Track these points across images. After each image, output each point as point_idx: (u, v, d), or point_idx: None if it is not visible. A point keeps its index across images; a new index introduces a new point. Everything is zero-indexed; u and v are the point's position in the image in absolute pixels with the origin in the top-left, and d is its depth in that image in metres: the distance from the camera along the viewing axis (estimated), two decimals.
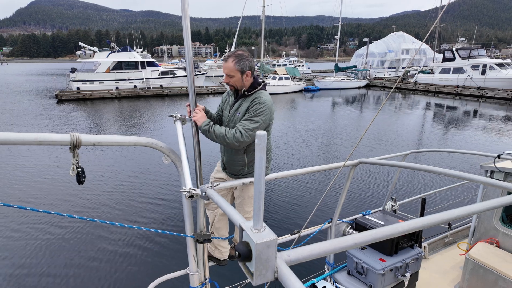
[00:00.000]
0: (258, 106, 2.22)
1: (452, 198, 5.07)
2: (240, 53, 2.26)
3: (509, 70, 28.55)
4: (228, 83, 2.34)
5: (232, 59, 2.23)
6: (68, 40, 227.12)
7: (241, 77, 2.27)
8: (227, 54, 2.33)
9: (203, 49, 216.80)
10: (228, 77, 2.29)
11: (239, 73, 2.25)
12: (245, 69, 2.25)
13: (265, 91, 2.35)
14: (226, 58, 2.27)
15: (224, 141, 2.15)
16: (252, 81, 2.32)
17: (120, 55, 29.13)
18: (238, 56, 2.24)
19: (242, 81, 2.29)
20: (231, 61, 2.23)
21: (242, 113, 2.28)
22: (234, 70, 2.24)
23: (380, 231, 1.04)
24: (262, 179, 0.88)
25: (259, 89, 2.32)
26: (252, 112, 2.21)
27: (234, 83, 2.30)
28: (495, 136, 13.90)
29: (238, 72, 2.25)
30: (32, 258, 5.26)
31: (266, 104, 2.24)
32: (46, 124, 16.00)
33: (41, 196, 7.67)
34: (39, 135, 1.28)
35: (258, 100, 2.24)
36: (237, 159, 2.39)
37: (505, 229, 2.75)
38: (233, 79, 2.28)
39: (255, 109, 2.21)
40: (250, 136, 2.16)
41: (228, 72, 2.26)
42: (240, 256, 0.90)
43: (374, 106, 24.16)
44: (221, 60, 38.67)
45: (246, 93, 2.31)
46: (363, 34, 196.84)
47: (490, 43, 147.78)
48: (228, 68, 2.25)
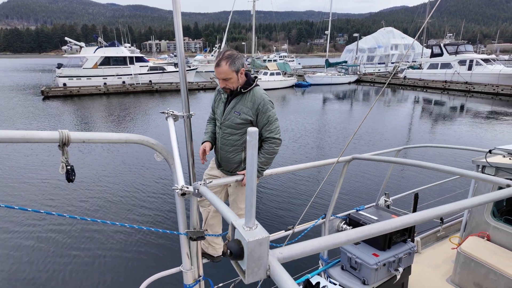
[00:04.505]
0: (264, 105, 2.27)
1: (445, 193, 5.16)
2: (229, 53, 2.22)
3: (494, 65, 29.16)
4: (225, 88, 2.28)
5: (225, 62, 2.17)
6: (53, 35, 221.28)
7: (237, 77, 2.24)
8: (216, 58, 2.25)
9: (192, 44, 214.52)
10: (225, 81, 2.23)
11: (235, 73, 2.22)
12: (239, 67, 2.23)
13: (259, 87, 2.33)
14: (219, 63, 2.19)
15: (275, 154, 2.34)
16: (246, 78, 2.30)
17: (108, 50, 28.53)
18: (229, 57, 2.19)
19: (238, 80, 2.26)
20: (225, 64, 2.17)
21: (240, 111, 2.26)
22: (230, 72, 2.19)
23: (373, 227, 1.05)
24: (254, 176, 0.88)
25: (254, 85, 2.30)
26: (266, 112, 2.27)
27: (231, 85, 2.25)
28: (486, 131, 14.20)
29: (234, 72, 2.21)
30: (21, 257, 5.15)
31: (268, 100, 2.31)
32: (32, 122, 15.62)
33: (29, 194, 7.50)
34: (26, 133, 1.24)
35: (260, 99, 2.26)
36: (235, 157, 2.38)
37: (496, 223, 2.80)
38: (230, 81, 2.23)
39: (267, 112, 2.27)
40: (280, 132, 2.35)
41: (225, 76, 2.20)
42: (232, 254, 0.90)
43: (365, 102, 24.38)
44: (211, 56, 38.30)
45: (242, 90, 2.28)
46: (353, 30, 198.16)
47: (475, 39, 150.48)
48: (224, 72, 2.19)
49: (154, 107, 20.68)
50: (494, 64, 29.63)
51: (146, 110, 19.69)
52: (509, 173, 2.69)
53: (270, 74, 31.32)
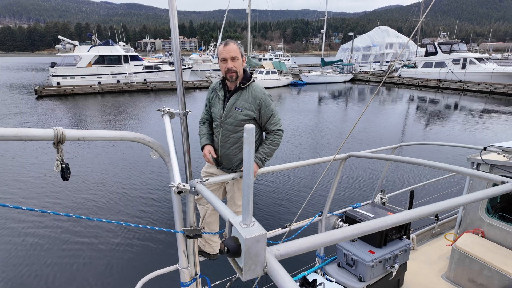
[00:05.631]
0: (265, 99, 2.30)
1: (440, 190, 5.20)
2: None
3: (488, 64, 29.44)
4: (231, 69, 2.23)
5: (233, 42, 2.24)
6: (46, 33, 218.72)
7: (242, 61, 2.27)
8: (223, 41, 2.31)
9: (188, 42, 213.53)
10: (232, 60, 2.21)
11: (241, 55, 2.26)
12: (243, 53, 2.30)
13: (257, 82, 2.37)
14: (227, 43, 2.23)
15: (278, 146, 2.39)
16: (244, 72, 2.31)
17: (102, 49, 28.27)
18: (235, 41, 2.28)
19: (241, 66, 2.27)
20: (233, 44, 2.23)
21: (241, 107, 2.26)
22: (238, 52, 2.23)
23: (369, 225, 1.05)
24: (251, 174, 0.88)
25: (252, 81, 2.32)
26: (268, 106, 2.30)
27: (238, 67, 2.24)
28: (480, 129, 14.33)
29: (241, 54, 2.26)
30: (16, 256, 5.09)
31: (268, 94, 2.35)
32: (26, 121, 15.44)
33: (24, 193, 7.42)
34: (20, 130, 1.22)
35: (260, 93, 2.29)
36: (238, 154, 2.36)
37: (490, 219, 2.83)
38: (237, 62, 2.23)
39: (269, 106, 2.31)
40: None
41: (235, 54, 2.21)
42: (229, 251, 0.90)
43: (360, 100, 24.48)
44: (207, 54, 38.23)
45: (241, 86, 2.28)
46: (348, 29, 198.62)
47: (469, 38, 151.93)
48: (234, 49, 2.21)
49: (149, 106, 20.55)
50: (487, 63, 29.94)
51: (141, 109, 19.57)
52: (504, 170, 2.72)
53: (266, 73, 31.29)
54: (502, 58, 78.84)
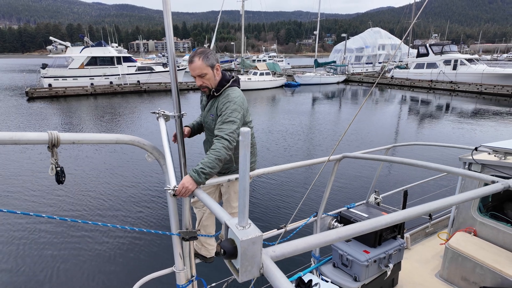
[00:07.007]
0: (228, 105, 2.11)
1: (433, 190, 5.27)
2: (202, 50, 2.16)
3: (478, 65, 29.92)
4: (201, 86, 2.18)
5: (198, 57, 2.10)
6: (37, 34, 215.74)
7: (213, 73, 2.17)
8: (189, 56, 2.17)
9: (181, 44, 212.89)
10: (200, 77, 2.14)
11: (210, 68, 2.14)
12: (213, 62, 2.15)
13: (234, 88, 2.23)
14: (191, 59, 2.12)
15: (222, 158, 1.95)
16: (220, 78, 2.23)
17: (95, 50, 28.00)
18: (202, 53, 2.12)
19: (214, 77, 2.18)
20: (198, 59, 2.09)
21: (214, 114, 2.22)
22: (204, 67, 2.11)
23: (363, 225, 1.07)
24: (247, 176, 0.89)
25: (227, 86, 2.22)
26: (224, 114, 2.08)
27: (208, 82, 2.17)
28: (471, 129, 14.54)
29: (209, 67, 2.13)
30: (12, 260, 5.02)
31: (236, 102, 2.12)
32: (17, 124, 15.21)
33: (18, 197, 7.31)
34: (14, 134, 1.21)
35: (226, 99, 2.14)
36: None
37: (482, 218, 2.88)
38: (206, 78, 2.15)
39: (226, 111, 2.09)
40: (235, 138, 2.05)
41: (200, 72, 2.12)
42: (225, 253, 0.91)
43: (354, 101, 24.65)
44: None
45: (215, 94, 2.23)
46: (340, 30, 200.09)
47: (459, 39, 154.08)
48: (198, 67, 2.10)
49: (143, 108, 20.42)
50: (478, 64, 30.42)
51: (135, 111, 19.43)
52: (494, 170, 2.77)
53: (260, 74, 31.34)
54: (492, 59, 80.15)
